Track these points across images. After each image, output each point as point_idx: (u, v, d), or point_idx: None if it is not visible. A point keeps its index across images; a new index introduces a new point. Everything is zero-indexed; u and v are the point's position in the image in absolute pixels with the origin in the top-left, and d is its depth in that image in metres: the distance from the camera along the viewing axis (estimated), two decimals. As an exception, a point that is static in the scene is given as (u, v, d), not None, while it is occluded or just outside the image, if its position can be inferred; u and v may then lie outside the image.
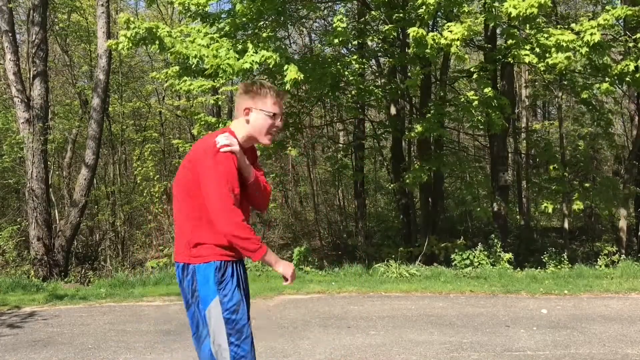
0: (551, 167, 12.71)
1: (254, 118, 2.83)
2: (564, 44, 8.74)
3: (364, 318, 6.50)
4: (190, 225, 2.77)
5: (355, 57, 11.77)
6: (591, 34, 8.79)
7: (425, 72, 11.18)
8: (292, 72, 8.60)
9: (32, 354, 5.22)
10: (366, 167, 16.88)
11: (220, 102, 16.01)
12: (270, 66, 9.00)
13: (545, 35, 9.06)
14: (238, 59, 8.85)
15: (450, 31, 8.72)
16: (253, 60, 8.72)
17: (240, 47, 9.18)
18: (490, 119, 10.26)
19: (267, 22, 10.68)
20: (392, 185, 13.69)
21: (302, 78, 8.81)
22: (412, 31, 8.72)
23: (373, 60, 13.99)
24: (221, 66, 8.77)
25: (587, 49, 8.95)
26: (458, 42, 8.66)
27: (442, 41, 8.73)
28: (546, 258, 10.51)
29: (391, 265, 9.66)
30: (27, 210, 12.02)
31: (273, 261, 2.77)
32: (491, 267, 9.87)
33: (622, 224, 13.53)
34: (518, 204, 17.23)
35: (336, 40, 9.58)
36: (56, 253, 11.67)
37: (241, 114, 2.85)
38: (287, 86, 8.73)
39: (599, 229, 17.65)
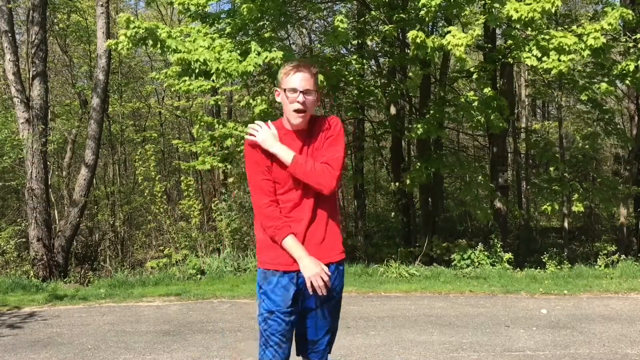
0: (552, 167, 12.67)
1: (280, 100, 2.69)
2: (566, 47, 8.69)
3: (364, 318, 6.50)
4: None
5: (355, 57, 11.77)
6: (594, 38, 8.73)
7: (425, 73, 11.16)
8: None
9: (32, 355, 5.21)
10: (366, 168, 16.87)
11: (220, 103, 16.01)
12: (275, 66, 8.96)
13: (547, 37, 9.01)
14: (240, 61, 8.79)
15: (453, 35, 8.66)
16: (256, 63, 8.68)
17: (242, 48, 9.14)
18: (489, 120, 10.25)
19: (267, 23, 10.66)
20: (392, 185, 13.69)
21: None
22: (412, 34, 8.67)
23: (373, 61, 13.98)
24: (225, 69, 8.70)
25: (589, 52, 8.91)
26: (462, 48, 8.58)
27: (443, 42, 8.71)
28: (546, 258, 10.50)
29: (391, 266, 9.65)
30: (26, 211, 12.02)
31: (296, 254, 2.63)
32: (491, 267, 9.86)
33: (622, 223, 13.54)
34: (518, 204, 17.23)
35: (336, 40, 9.56)
36: (56, 253, 11.67)
37: None
38: None
39: (599, 229, 17.68)
